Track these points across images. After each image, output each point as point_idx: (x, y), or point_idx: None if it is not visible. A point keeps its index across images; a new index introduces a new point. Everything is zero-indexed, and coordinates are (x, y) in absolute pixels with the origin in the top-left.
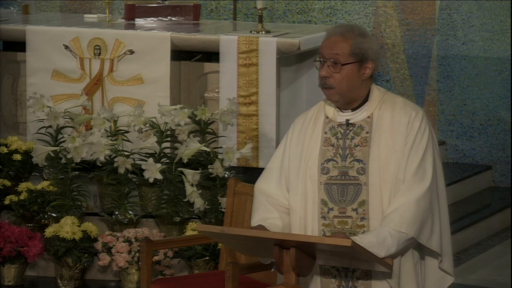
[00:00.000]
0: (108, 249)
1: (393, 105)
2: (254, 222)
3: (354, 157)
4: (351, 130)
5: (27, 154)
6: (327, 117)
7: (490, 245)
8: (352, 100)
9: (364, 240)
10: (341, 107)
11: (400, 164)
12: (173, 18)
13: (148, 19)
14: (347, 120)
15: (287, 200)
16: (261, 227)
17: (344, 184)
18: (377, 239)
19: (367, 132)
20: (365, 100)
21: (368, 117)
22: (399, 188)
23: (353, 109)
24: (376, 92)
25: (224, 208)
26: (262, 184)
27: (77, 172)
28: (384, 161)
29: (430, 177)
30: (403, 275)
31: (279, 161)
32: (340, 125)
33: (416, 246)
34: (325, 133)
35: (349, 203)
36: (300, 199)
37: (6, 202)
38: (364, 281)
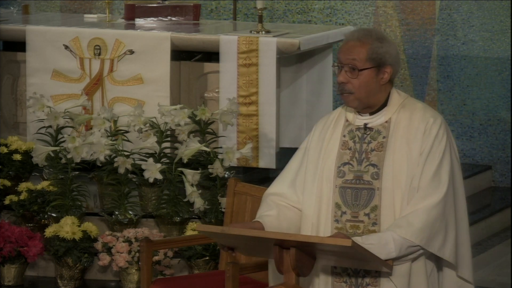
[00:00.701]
0: (108, 249)
1: (412, 110)
2: (258, 216)
3: (370, 162)
4: (368, 134)
5: (27, 154)
6: (347, 120)
7: (490, 245)
8: (371, 105)
9: (365, 241)
10: (360, 111)
11: (415, 172)
12: (173, 18)
13: (148, 19)
14: (365, 124)
15: (298, 198)
16: (257, 224)
17: (358, 188)
18: (379, 242)
19: (384, 137)
20: (384, 104)
21: (386, 122)
22: (413, 196)
23: (371, 113)
24: (396, 96)
25: (224, 208)
26: (271, 189)
27: (77, 172)
28: (398, 167)
29: (446, 186)
30: (412, 282)
31: (297, 164)
32: (358, 128)
33: (431, 256)
34: (344, 136)
35: (362, 208)
36: (315, 201)
37: (6, 202)
38: (373, 287)
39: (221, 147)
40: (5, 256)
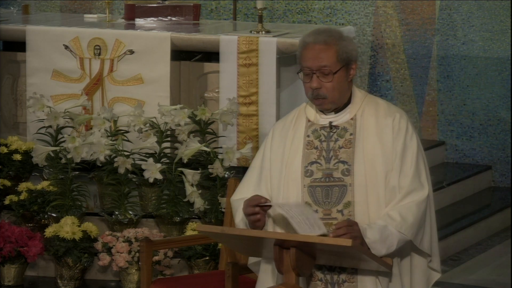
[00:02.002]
0: (108, 249)
1: (377, 106)
2: (239, 220)
3: (339, 159)
4: (334, 132)
5: (27, 154)
6: (309, 120)
7: (490, 245)
8: (341, 104)
9: (370, 236)
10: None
11: (392, 168)
12: (173, 18)
13: (148, 19)
14: (330, 122)
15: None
16: (256, 197)
17: (328, 186)
18: (380, 236)
19: (351, 134)
20: (348, 102)
21: (352, 118)
22: (394, 195)
23: (336, 111)
24: (358, 93)
25: (224, 208)
26: (238, 195)
27: (77, 172)
28: (370, 162)
29: (426, 180)
30: (394, 274)
31: (258, 170)
32: (323, 127)
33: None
34: (308, 136)
35: (334, 205)
36: (282, 203)
37: (6, 202)
38: (350, 284)
39: (221, 147)
40: (5, 256)
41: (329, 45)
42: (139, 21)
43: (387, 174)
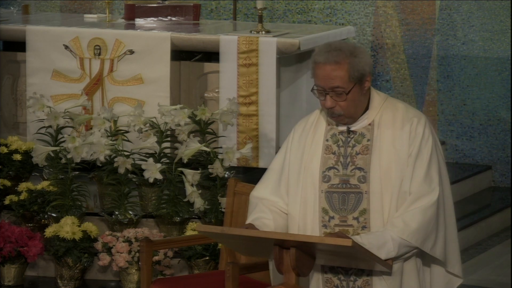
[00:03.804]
0: (108, 249)
1: (395, 111)
2: (251, 220)
3: (356, 165)
4: (352, 138)
5: (27, 154)
6: (328, 124)
7: (490, 245)
8: (358, 115)
9: (365, 241)
10: None
11: (405, 174)
12: (173, 18)
13: (148, 19)
14: (348, 127)
15: (285, 204)
16: (251, 226)
17: (345, 193)
18: (378, 241)
19: (368, 140)
20: (367, 107)
21: (369, 124)
22: (404, 200)
23: None
24: (377, 98)
25: (224, 208)
26: (257, 191)
27: (77, 172)
28: (386, 170)
29: (438, 186)
30: (405, 281)
31: (279, 167)
32: (341, 132)
33: (420, 253)
34: (327, 140)
35: (350, 212)
36: (299, 206)
37: (6, 202)
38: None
39: (221, 147)
40: (5, 256)
41: (340, 64)
42: (139, 21)
43: (402, 180)
